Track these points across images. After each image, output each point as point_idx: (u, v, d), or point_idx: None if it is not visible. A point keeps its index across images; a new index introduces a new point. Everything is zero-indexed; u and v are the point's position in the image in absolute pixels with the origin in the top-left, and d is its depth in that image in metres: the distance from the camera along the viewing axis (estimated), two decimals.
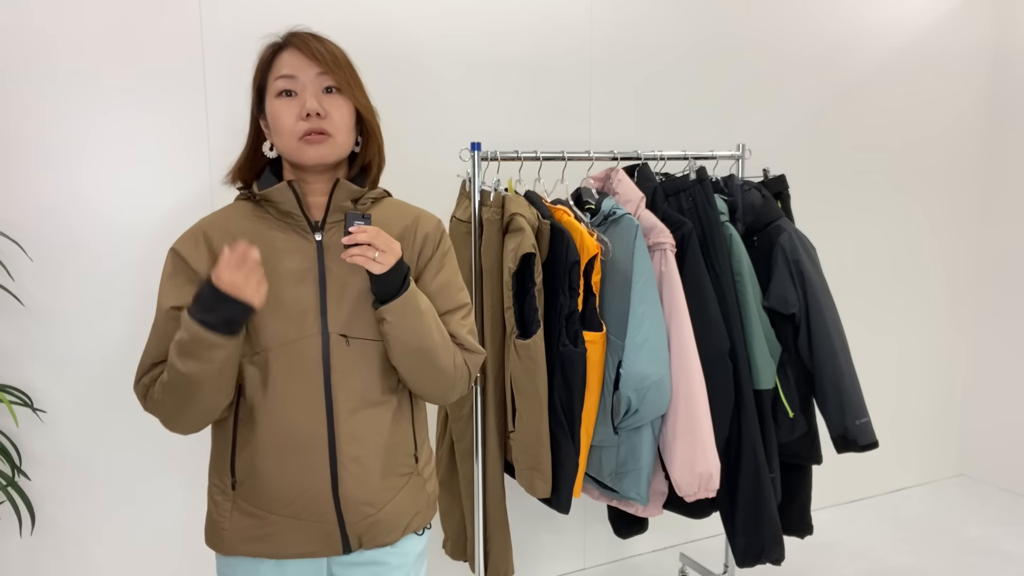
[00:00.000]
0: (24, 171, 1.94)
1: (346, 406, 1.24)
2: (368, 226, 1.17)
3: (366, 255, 1.15)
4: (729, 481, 2.07)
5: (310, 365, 1.23)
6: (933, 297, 3.52)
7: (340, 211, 1.28)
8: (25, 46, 1.90)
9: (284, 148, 1.24)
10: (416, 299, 1.22)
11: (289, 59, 1.24)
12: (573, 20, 2.55)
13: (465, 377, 1.33)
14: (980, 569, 2.82)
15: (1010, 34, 3.44)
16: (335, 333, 1.23)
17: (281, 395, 1.22)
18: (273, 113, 1.24)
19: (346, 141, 1.27)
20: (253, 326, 1.22)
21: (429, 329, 1.24)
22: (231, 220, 1.29)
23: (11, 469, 1.86)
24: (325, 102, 1.23)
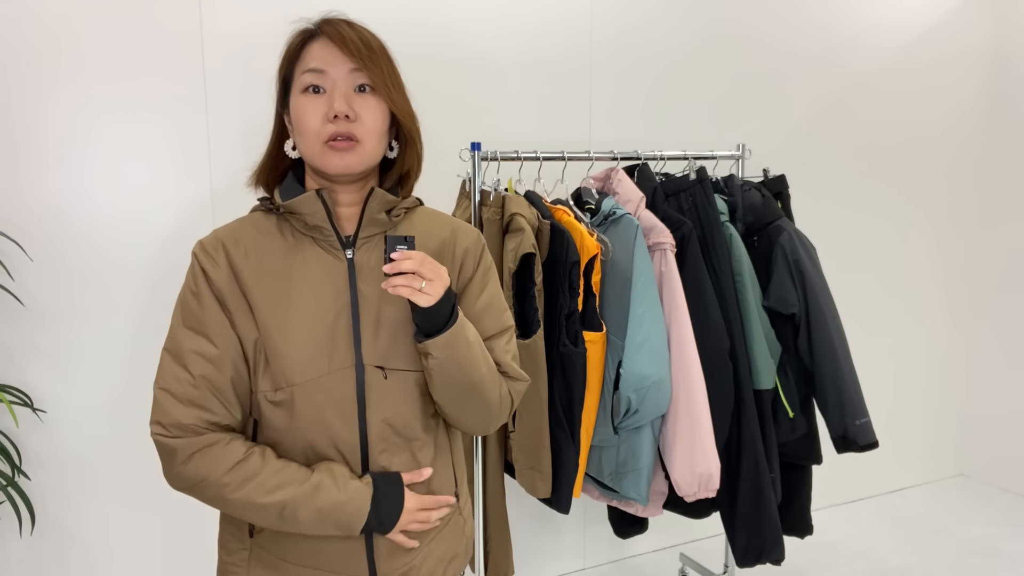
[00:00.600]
0: (24, 171, 1.94)
1: (383, 447, 1.10)
2: (413, 251, 1.03)
3: (412, 285, 1.01)
4: (729, 481, 2.07)
5: (343, 402, 1.08)
6: (933, 297, 3.52)
7: (373, 224, 1.14)
8: (25, 46, 1.90)
9: (307, 152, 1.10)
10: (465, 330, 1.08)
11: (319, 50, 1.09)
12: (573, 20, 2.55)
13: (508, 407, 1.21)
14: (980, 569, 2.82)
15: (1010, 34, 3.44)
16: (371, 365, 1.09)
17: (309, 436, 1.08)
18: (297, 111, 1.10)
19: (376, 148, 1.12)
20: (275, 357, 1.07)
21: (477, 361, 1.10)
22: (249, 234, 1.14)
23: (11, 469, 1.86)
24: (356, 102, 1.08)
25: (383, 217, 1.14)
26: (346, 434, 1.08)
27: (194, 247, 1.13)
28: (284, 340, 1.07)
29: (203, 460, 1.05)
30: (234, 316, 1.09)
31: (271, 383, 1.08)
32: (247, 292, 1.10)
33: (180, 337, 1.08)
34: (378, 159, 1.14)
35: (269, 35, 2.13)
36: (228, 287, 1.09)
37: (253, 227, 1.15)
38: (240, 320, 1.09)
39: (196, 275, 1.10)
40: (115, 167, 2.02)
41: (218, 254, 1.11)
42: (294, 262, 1.12)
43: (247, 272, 1.10)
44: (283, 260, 1.12)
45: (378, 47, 1.11)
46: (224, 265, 1.10)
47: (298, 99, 1.10)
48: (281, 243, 1.13)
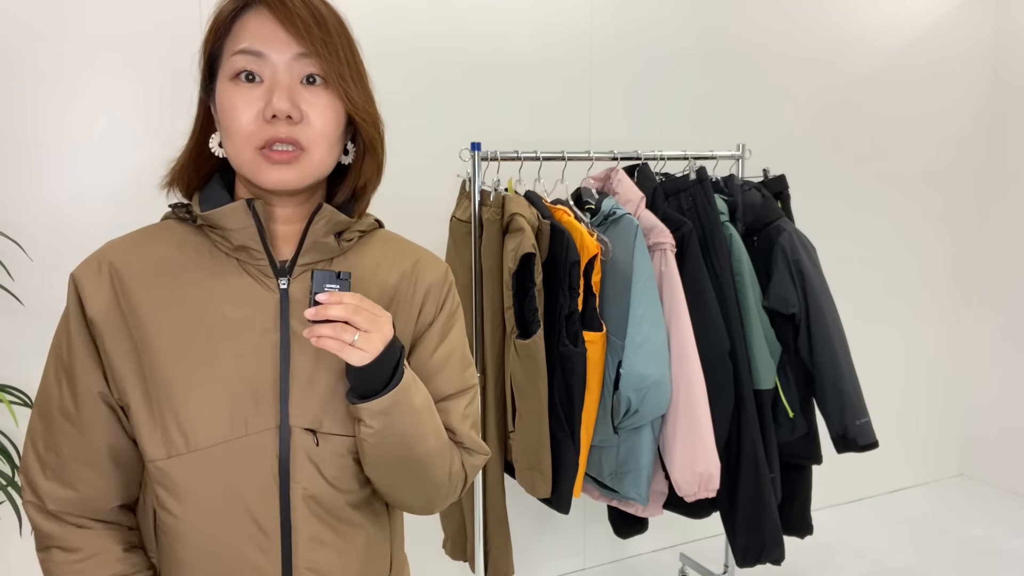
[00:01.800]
0: (24, 171, 1.94)
1: (309, 530, 0.87)
2: (346, 293, 0.80)
3: (340, 338, 0.78)
4: (729, 481, 2.07)
5: (260, 475, 0.85)
6: (933, 297, 3.52)
7: (316, 250, 0.90)
8: (25, 47, 1.90)
9: (236, 158, 0.85)
10: (410, 395, 0.85)
11: (256, 26, 0.83)
12: (574, 20, 2.55)
13: (460, 485, 0.97)
14: (980, 569, 2.82)
15: (1010, 34, 3.44)
16: (298, 427, 0.86)
17: (213, 515, 0.84)
18: (224, 104, 0.84)
19: (326, 157, 0.87)
20: (172, 412, 0.83)
21: (423, 433, 0.87)
22: (152, 250, 0.89)
23: (11, 469, 1.86)
24: (302, 99, 0.83)
25: (330, 241, 0.90)
26: (264, 517, 0.85)
27: (73, 270, 0.88)
28: (185, 391, 0.84)
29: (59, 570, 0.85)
30: (116, 362, 0.85)
31: (164, 448, 0.83)
32: (139, 326, 0.85)
33: (48, 388, 0.87)
34: (327, 170, 0.89)
35: None
36: (109, 321, 0.85)
37: (160, 240, 0.90)
38: (123, 364, 0.85)
39: (70, 308, 0.87)
40: (115, 167, 2.02)
41: (101, 278, 0.86)
42: (210, 290, 0.87)
43: (143, 299, 0.86)
44: (194, 286, 0.87)
45: (335, 25, 0.86)
46: (106, 293, 0.86)
47: (226, 87, 0.84)
48: (195, 263, 0.88)
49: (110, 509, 0.89)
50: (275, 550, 0.86)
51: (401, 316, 0.94)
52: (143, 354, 0.85)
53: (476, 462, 0.99)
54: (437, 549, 2.29)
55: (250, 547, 0.86)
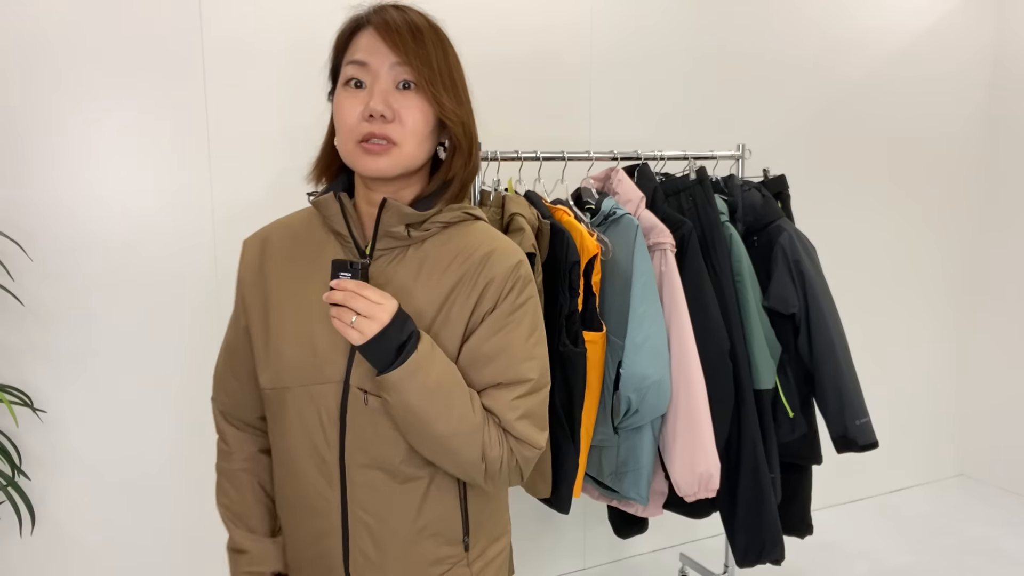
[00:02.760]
0: (24, 171, 1.94)
1: (361, 475, 1.02)
2: (350, 281, 0.94)
3: (341, 319, 0.93)
4: (729, 481, 2.07)
5: (325, 417, 1.02)
6: (933, 297, 3.52)
7: (391, 238, 1.04)
8: (25, 46, 1.90)
9: (342, 150, 1.02)
10: (418, 376, 0.95)
11: (366, 41, 1.00)
12: (573, 20, 2.55)
13: (511, 471, 1.04)
14: (980, 569, 2.82)
15: (1010, 34, 3.44)
16: (355, 385, 1.00)
17: (295, 442, 1.04)
18: (337, 106, 1.02)
19: (416, 151, 1.01)
20: (277, 355, 1.05)
21: (438, 413, 0.96)
22: (295, 225, 1.13)
23: (11, 469, 1.86)
24: (396, 100, 0.98)
25: (400, 231, 1.03)
26: (327, 453, 1.03)
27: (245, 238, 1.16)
28: (285, 339, 1.05)
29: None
30: (250, 309, 1.10)
31: (268, 380, 1.06)
32: (266, 284, 1.09)
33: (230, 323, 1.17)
34: (418, 162, 1.03)
35: (270, 34, 2.13)
36: (251, 280, 1.11)
37: (300, 220, 1.14)
38: (254, 313, 1.10)
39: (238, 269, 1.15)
40: (115, 167, 2.02)
41: (255, 247, 1.14)
42: (316, 262, 1.07)
43: (274, 263, 1.10)
44: (308, 257, 1.08)
45: (430, 38, 1.01)
46: (255, 259, 1.12)
47: (339, 93, 1.02)
48: (314, 240, 1.09)
49: (254, 419, 1.17)
50: (336, 483, 1.03)
51: (458, 304, 1.03)
52: (266, 305, 1.08)
53: (527, 453, 1.04)
54: None
55: (317, 476, 1.04)
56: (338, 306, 0.93)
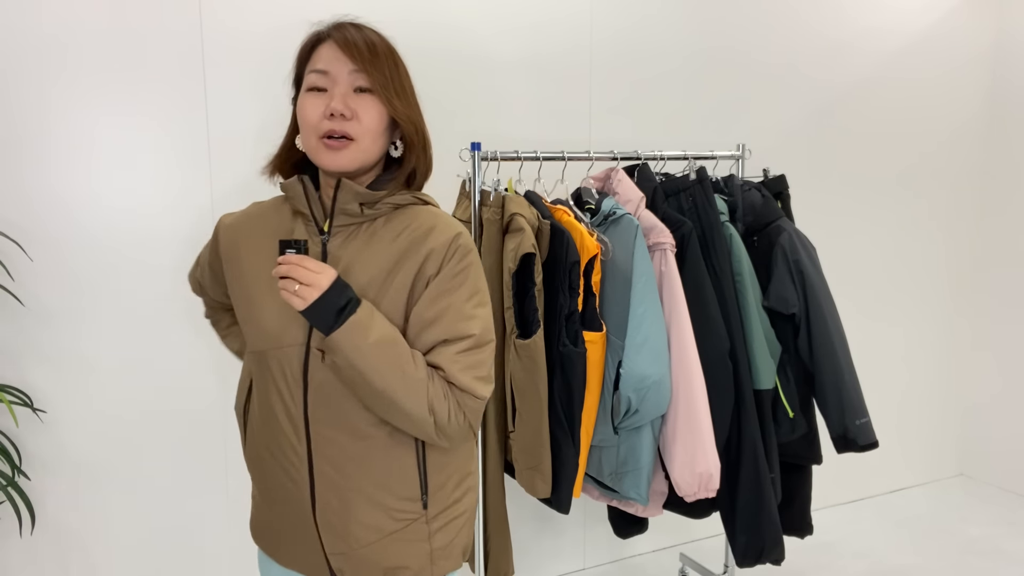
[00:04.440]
0: (24, 171, 1.94)
1: (323, 430, 1.15)
2: (294, 256, 1.07)
3: (286, 288, 1.06)
4: (729, 481, 2.07)
5: (291, 377, 1.16)
6: (933, 296, 3.52)
7: (346, 215, 1.18)
8: (24, 46, 1.90)
9: (306, 146, 1.17)
10: (356, 336, 1.07)
11: (326, 53, 1.15)
12: (573, 20, 2.55)
13: (458, 425, 1.14)
14: (980, 569, 2.82)
15: (1010, 34, 3.44)
16: (314, 347, 1.14)
17: (272, 399, 1.18)
18: (301, 108, 1.16)
19: (371, 147, 1.16)
20: (250, 322, 1.21)
21: (379, 368, 1.07)
22: (266, 209, 1.29)
23: (11, 469, 1.86)
24: (354, 102, 1.13)
25: (354, 208, 1.17)
26: (294, 409, 1.16)
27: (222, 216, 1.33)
28: (259, 308, 1.19)
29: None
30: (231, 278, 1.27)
31: (251, 344, 1.21)
32: (242, 261, 1.24)
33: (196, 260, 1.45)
34: (374, 158, 1.18)
35: (269, 34, 2.13)
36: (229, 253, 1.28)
37: (271, 205, 1.29)
38: (234, 284, 1.26)
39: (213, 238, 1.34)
40: (115, 167, 2.02)
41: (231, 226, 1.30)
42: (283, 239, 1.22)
43: (249, 241, 1.25)
44: (275, 235, 1.23)
45: (384, 51, 1.17)
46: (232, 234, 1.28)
47: (303, 97, 1.17)
48: (283, 221, 1.24)
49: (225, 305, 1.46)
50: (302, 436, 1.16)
51: (402, 273, 1.16)
52: (243, 278, 1.24)
53: (471, 404, 1.15)
54: None
55: (288, 428, 1.16)
56: (284, 278, 1.06)
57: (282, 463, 1.18)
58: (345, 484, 1.15)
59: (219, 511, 2.23)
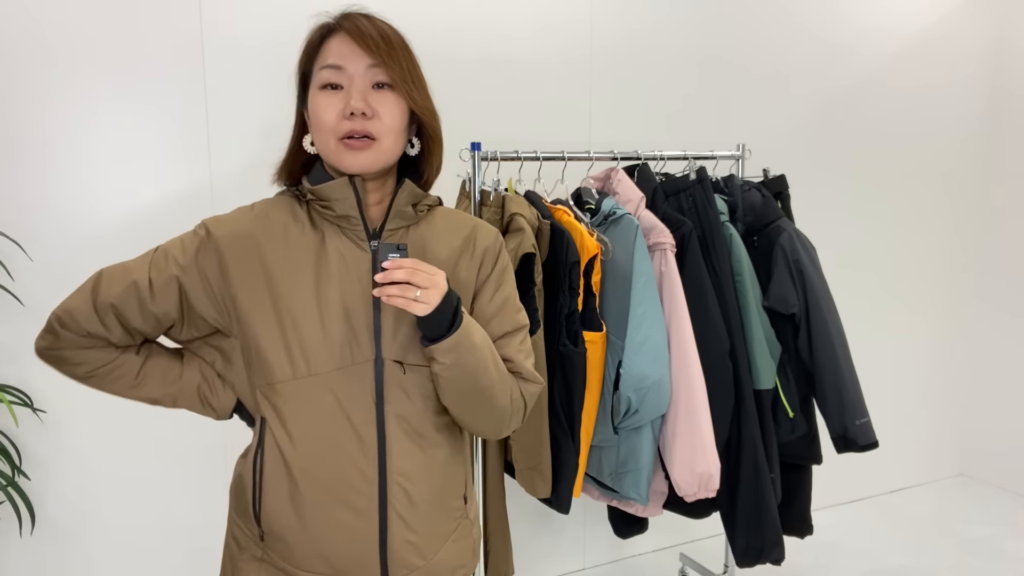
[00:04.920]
0: (24, 171, 1.94)
1: (400, 443, 1.09)
2: (405, 259, 1.00)
3: (405, 295, 0.99)
4: (729, 481, 2.07)
5: (362, 396, 1.07)
6: (933, 297, 3.52)
7: (400, 217, 1.13)
8: (25, 45, 1.90)
9: (323, 149, 1.09)
10: (470, 335, 1.06)
11: (338, 46, 1.07)
12: (574, 20, 2.55)
13: (521, 411, 1.18)
14: (980, 569, 2.82)
15: (1010, 34, 3.44)
16: (390, 359, 1.08)
17: (327, 425, 1.07)
18: (314, 107, 1.08)
19: (394, 146, 1.10)
20: (299, 343, 1.07)
21: (485, 366, 1.08)
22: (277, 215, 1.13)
23: (11, 469, 1.86)
24: (374, 99, 1.06)
25: (409, 210, 1.14)
26: (364, 429, 1.07)
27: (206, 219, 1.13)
28: (309, 324, 1.07)
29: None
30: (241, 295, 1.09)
31: (291, 370, 1.06)
32: (269, 272, 1.09)
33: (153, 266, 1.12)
34: (396, 157, 1.12)
35: (269, 33, 2.13)
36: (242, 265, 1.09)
37: (281, 210, 1.14)
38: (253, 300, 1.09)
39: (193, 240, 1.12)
40: (114, 166, 2.02)
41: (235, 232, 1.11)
42: (320, 248, 1.11)
43: (271, 252, 1.10)
44: (308, 245, 1.11)
45: (398, 42, 1.09)
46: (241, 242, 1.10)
47: (316, 95, 1.08)
48: (309, 229, 1.12)
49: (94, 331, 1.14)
50: (373, 456, 1.07)
51: (465, 270, 1.17)
52: (273, 294, 1.08)
53: (532, 390, 1.19)
54: None
55: (355, 453, 1.07)
56: (396, 284, 0.98)
57: (346, 498, 1.07)
58: (418, 493, 1.10)
59: (219, 511, 2.23)
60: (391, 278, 0.99)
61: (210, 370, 1.19)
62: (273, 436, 1.09)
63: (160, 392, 1.18)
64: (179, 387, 1.18)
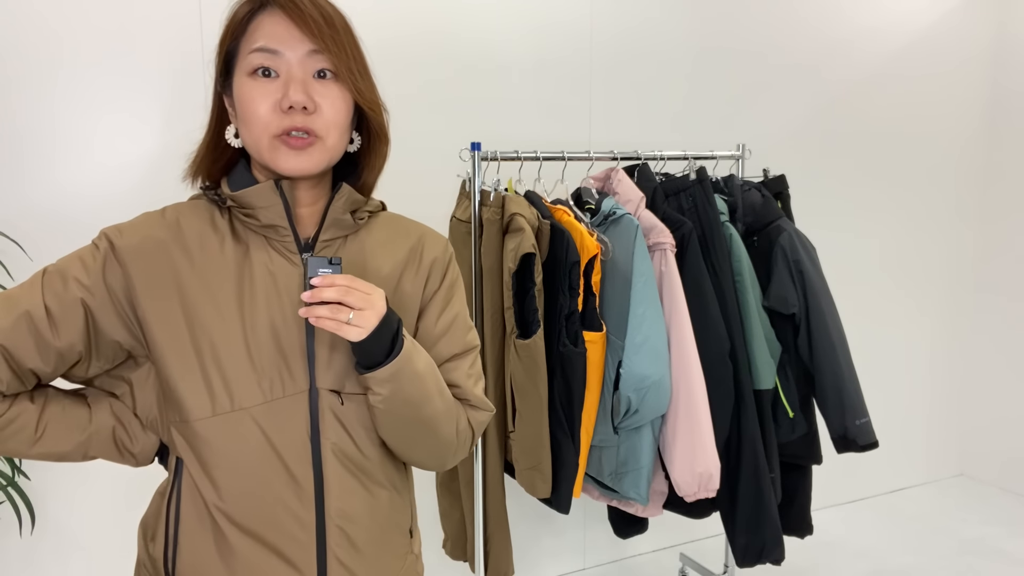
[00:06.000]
0: (24, 171, 1.94)
1: (340, 482, 0.95)
2: (339, 275, 0.86)
3: (336, 318, 0.84)
4: (729, 481, 2.07)
5: (297, 431, 0.93)
6: (932, 297, 3.52)
7: (336, 227, 0.98)
8: (25, 45, 1.90)
9: (253, 145, 0.93)
10: (412, 362, 0.92)
11: (271, 26, 0.91)
12: (574, 20, 2.55)
13: (468, 441, 1.05)
14: (980, 569, 2.82)
15: (1010, 34, 3.44)
16: (325, 389, 0.94)
17: (255, 467, 0.92)
18: (243, 97, 0.92)
19: (338, 144, 0.95)
20: (218, 373, 0.91)
21: (428, 395, 0.95)
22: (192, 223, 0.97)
23: (11, 469, 1.86)
24: (316, 90, 0.91)
25: (347, 218, 0.99)
26: (298, 468, 0.93)
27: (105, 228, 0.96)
28: (230, 354, 0.91)
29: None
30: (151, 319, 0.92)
31: (210, 406, 0.91)
32: (182, 292, 0.93)
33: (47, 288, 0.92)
34: (339, 156, 0.97)
35: None
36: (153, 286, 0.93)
37: (196, 217, 0.97)
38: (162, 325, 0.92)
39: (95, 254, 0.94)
40: (115, 166, 2.02)
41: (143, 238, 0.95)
42: (242, 264, 0.95)
43: (185, 267, 0.94)
44: (229, 260, 0.95)
45: (341, 25, 0.94)
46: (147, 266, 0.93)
47: (244, 82, 0.92)
48: (228, 240, 0.96)
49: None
50: (309, 498, 0.93)
51: (410, 285, 1.03)
52: (188, 316, 0.92)
53: (481, 418, 1.06)
54: (437, 549, 2.29)
55: (289, 496, 0.93)
56: (329, 304, 0.85)
57: (276, 546, 0.93)
58: (360, 534, 0.97)
59: None
60: (320, 297, 0.84)
61: (123, 408, 1.00)
62: (192, 480, 0.93)
63: (68, 444, 0.96)
64: (89, 434, 0.97)
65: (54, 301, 0.90)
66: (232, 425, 0.91)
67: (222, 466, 0.92)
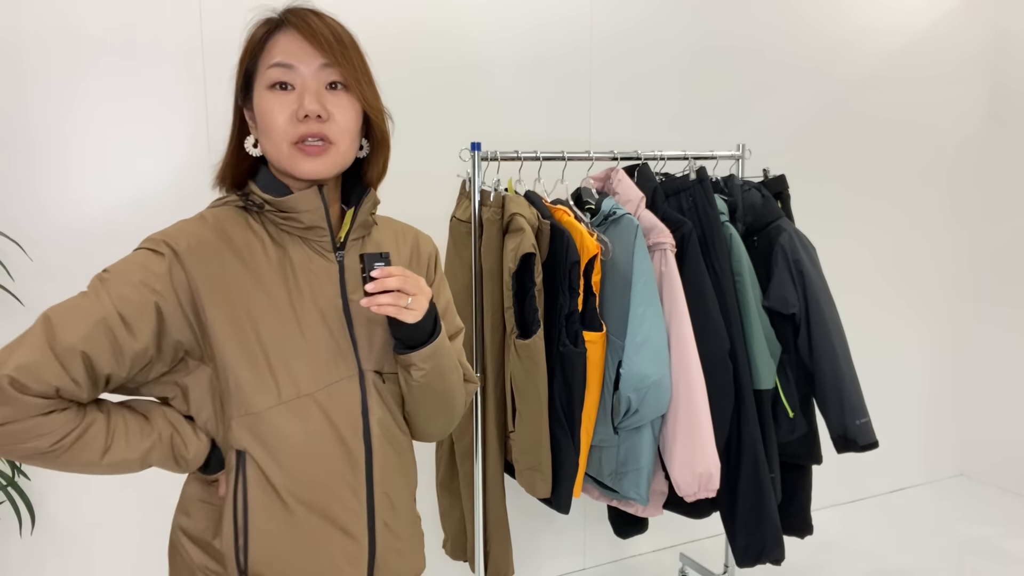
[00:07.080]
0: (24, 171, 1.94)
1: (382, 450, 1.08)
2: (393, 267, 0.99)
3: (398, 303, 0.97)
4: (729, 481, 2.07)
5: (352, 410, 1.05)
6: (933, 297, 3.52)
7: (362, 227, 1.11)
8: (25, 45, 1.90)
9: (273, 154, 1.03)
10: (444, 338, 1.09)
11: (287, 44, 1.01)
12: (573, 20, 2.55)
13: (464, 410, 1.23)
14: (980, 569, 2.82)
15: (1009, 34, 3.44)
16: (369, 371, 1.07)
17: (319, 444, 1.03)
18: (262, 109, 1.02)
19: (349, 149, 1.05)
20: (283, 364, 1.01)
21: (455, 366, 1.13)
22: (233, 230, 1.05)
23: (11, 469, 1.86)
24: (328, 101, 1.01)
25: (370, 219, 1.13)
26: (353, 443, 1.05)
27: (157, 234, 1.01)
28: (295, 346, 1.02)
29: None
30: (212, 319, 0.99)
31: (276, 395, 1.00)
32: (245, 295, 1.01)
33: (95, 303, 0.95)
34: (350, 161, 1.07)
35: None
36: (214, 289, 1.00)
37: (235, 224, 1.06)
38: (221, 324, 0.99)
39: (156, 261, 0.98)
40: (115, 167, 2.02)
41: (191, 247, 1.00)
42: (286, 264, 1.05)
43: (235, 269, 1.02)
44: (273, 260, 1.05)
45: (349, 41, 1.04)
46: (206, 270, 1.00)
47: (264, 95, 1.02)
48: (270, 244, 1.06)
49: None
50: (361, 470, 1.06)
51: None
52: (249, 315, 1.01)
53: (473, 389, 1.25)
54: (437, 549, 2.29)
55: (346, 470, 1.05)
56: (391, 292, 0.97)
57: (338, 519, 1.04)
58: (398, 499, 1.12)
59: None
60: (385, 286, 0.97)
61: (175, 414, 1.04)
62: (259, 468, 1.01)
63: (135, 452, 0.99)
64: (152, 441, 1.00)
65: (125, 306, 0.95)
66: (298, 410, 1.02)
67: (290, 450, 1.01)
